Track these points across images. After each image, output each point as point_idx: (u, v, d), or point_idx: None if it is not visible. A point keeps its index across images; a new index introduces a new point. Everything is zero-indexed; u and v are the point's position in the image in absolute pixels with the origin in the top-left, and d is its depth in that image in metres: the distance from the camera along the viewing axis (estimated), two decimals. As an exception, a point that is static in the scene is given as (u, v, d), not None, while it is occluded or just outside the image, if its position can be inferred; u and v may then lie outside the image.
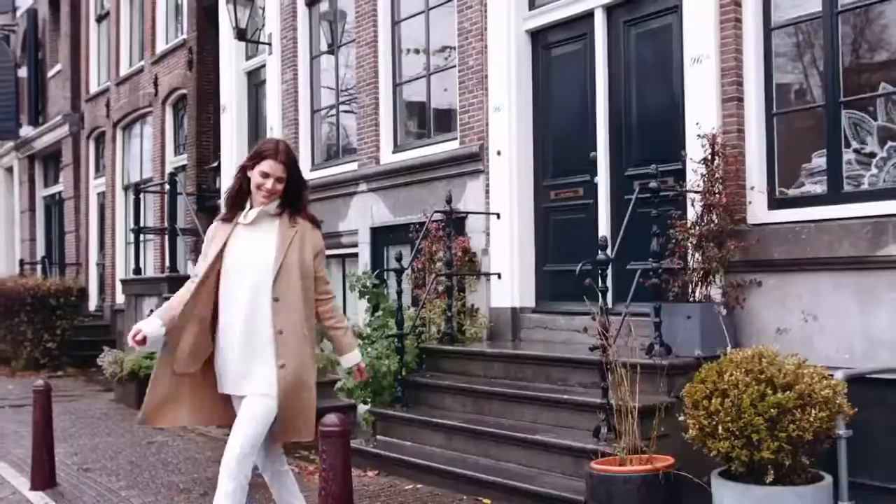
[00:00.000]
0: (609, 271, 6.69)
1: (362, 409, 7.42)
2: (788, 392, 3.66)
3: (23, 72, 19.98)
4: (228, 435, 3.91)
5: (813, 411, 3.62)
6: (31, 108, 19.74)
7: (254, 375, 3.89)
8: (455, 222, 7.83)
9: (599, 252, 5.55)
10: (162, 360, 4.00)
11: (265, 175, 3.96)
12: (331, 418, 3.42)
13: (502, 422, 6.14)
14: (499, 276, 7.68)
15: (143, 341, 3.92)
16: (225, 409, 4.07)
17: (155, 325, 3.94)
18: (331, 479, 3.30)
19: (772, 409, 3.61)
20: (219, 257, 3.93)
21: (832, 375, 3.99)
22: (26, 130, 19.79)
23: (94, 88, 17.29)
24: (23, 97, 19.98)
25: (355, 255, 9.57)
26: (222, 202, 4.03)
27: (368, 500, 5.67)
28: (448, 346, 7.20)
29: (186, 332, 3.91)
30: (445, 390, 6.78)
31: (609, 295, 6.67)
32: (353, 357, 4.29)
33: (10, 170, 21.42)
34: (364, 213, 9.44)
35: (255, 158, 4.02)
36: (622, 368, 4.55)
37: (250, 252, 3.94)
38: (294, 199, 4.08)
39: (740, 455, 3.68)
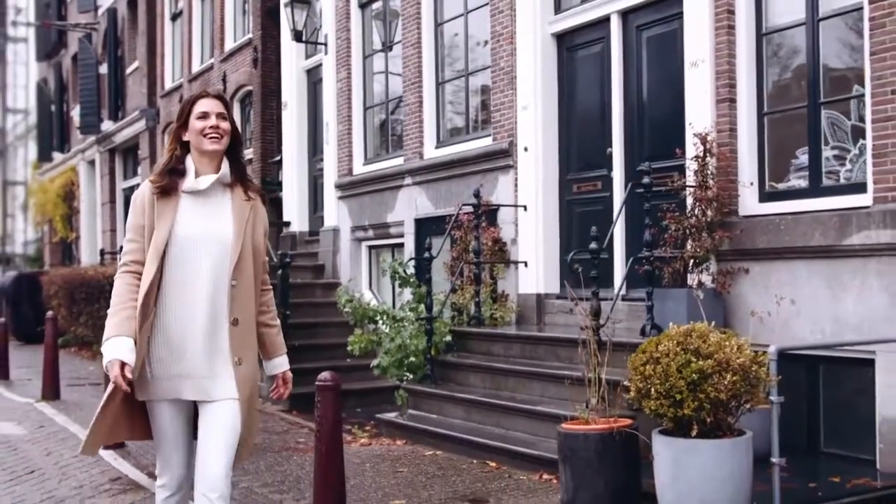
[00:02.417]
0: (618, 260, 7.62)
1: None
2: (709, 360, 4.52)
3: (103, 68, 21.62)
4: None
5: (728, 376, 4.47)
6: (112, 103, 21.35)
7: (222, 376, 3.45)
8: (487, 214, 8.82)
9: (593, 243, 6.44)
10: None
11: (204, 115, 3.50)
12: (325, 375, 4.41)
13: (515, 396, 7.10)
14: (525, 264, 8.61)
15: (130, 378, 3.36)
16: (146, 421, 3.57)
17: (129, 347, 3.35)
18: (324, 425, 4.30)
19: (693, 375, 4.47)
20: (169, 235, 3.42)
21: (759, 350, 4.82)
22: (107, 125, 21.43)
23: (168, 84, 18.75)
24: (104, 93, 21.64)
25: (402, 244, 10.61)
26: (154, 172, 3.56)
27: (390, 463, 6.70)
28: (475, 329, 8.19)
29: (143, 332, 3.40)
30: (469, 368, 7.76)
31: (618, 281, 7.63)
32: (281, 362, 3.79)
33: (92, 163, 23.14)
34: (409, 206, 10.46)
35: (185, 109, 3.56)
36: (595, 346, 5.45)
37: (207, 228, 3.46)
38: (236, 164, 3.62)
39: (667, 412, 4.56)
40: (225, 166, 3.56)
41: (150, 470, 6.41)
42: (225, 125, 3.54)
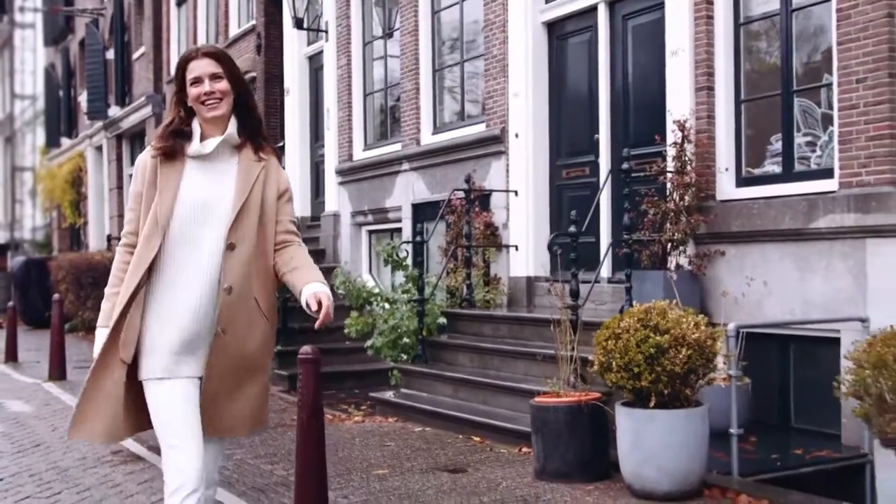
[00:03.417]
0: (604, 244, 8.02)
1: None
2: (666, 335, 4.92)
3: (110, 54, 22.08)
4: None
5: (683, 350, 4.87)
6: (119, 89, 21.80)
7: (203, 350, 3.31)
8: (480, 199, 9.24)
9: (572, 226, 6.84)
10: (101, 358, 3.30)
11: (197, 80, 3.28)
12: (306, 348, 4.82)
13: (501, 374, 7.52)
14: (516, 247, 9.02)
15: None
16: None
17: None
18: (305, 396, 4.72)
19: (651, 349, 4.87)
20: (173, 203, 3.26)
21: (716, 326, 5.23)
22: (114, 111, 21.90)
23: (174, 70, 19.18)
24: (111, 78, 22.10)
25: (400, 229, 11.03)
26: (156, 135, 3.37)
27: (379, 438, 7.14)
28: (465, 311, 8.61)
29: (134, 311, 3.26)
30: (459, 349, 8.19)
31: (606, 264, 8.04)
32: (322, 287, 3.35)
33: (99, 149, 23.64)
34: (406, 191, 10.88)
35: (178, 75, 3.37)
36: (568, 325, 5.88)
37: (212, 194, 3.30)
38: (248, 119, 3.41)
39: (627, 384, 4.97)
40: (232, 127, 3.34)
41: (151, 444, 6.87)
42: (221, 86, 3.29)
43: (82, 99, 23.29)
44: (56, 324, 10.86)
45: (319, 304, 3.25)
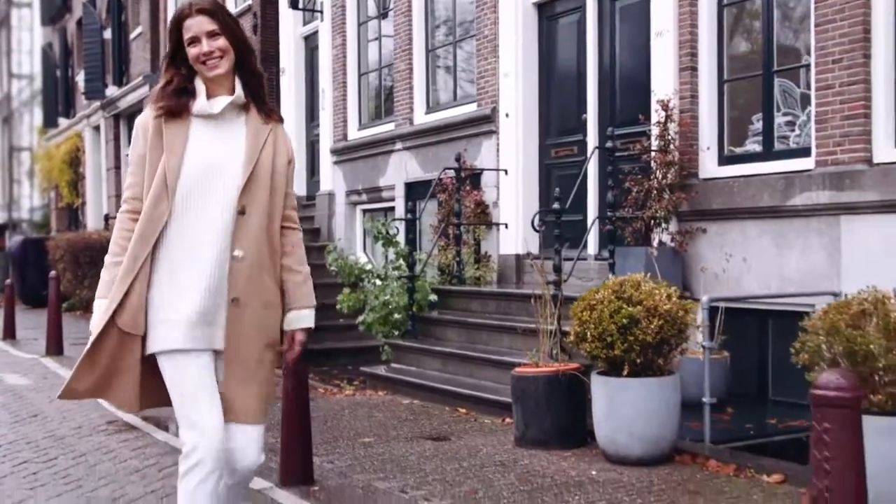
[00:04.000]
0: (591, 222, 8.25)
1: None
2: (638, 307, 5.17)
3: (107, 34, 22.28)
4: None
5: (655, 321, 5.12)
6: (116, 68, 22.02)
7: (218, 323, 3.16)
8: (471, 178, 9.48)
9: (556, 203, 7.07)
10: (105, 330, 3.12)
11: (194, 40, 3.14)
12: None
13: (488, 348, 7.78)
14: (506, 225, 9.26)
15: None
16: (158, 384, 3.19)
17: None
18: (288, 368, 4.99)
19: (624, 319, 5.12)
20: (181, 164, 3.12)
21: (688, 298, 5.48)
22: (111, 90, 22.11)
23: (168, 29, 19.37)
24: (108, 58, 22.30)
25: (393, 208, 11.27)
26: (155, 94, 3.21)
27: (368, 409, 7.41)
28: (455, 287, 8.87)
29: (142, 279, 3.11)
30: (448, 324, 8.45)
31: (593, 242, 8.29)
32: (298, 317, 3.36)
33: (97, 129, 23.87)
34: (400, 170, 11.12)
35: (172, 34, 3.22)
36: (549, 299, 6.13)
37: (222, 155, 3.18)
38: (249, 77, 3.25)
39: (601, 354, 5.23)
40: (239, 86, 3.21)
41: (145, 414, 7.15)
42: (220, 43, 3.14)
43: (80, 79, 23.50)
44: (53, 300, 11.13)
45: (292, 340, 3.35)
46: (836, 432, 2.44)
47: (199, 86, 3.18)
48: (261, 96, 3.29)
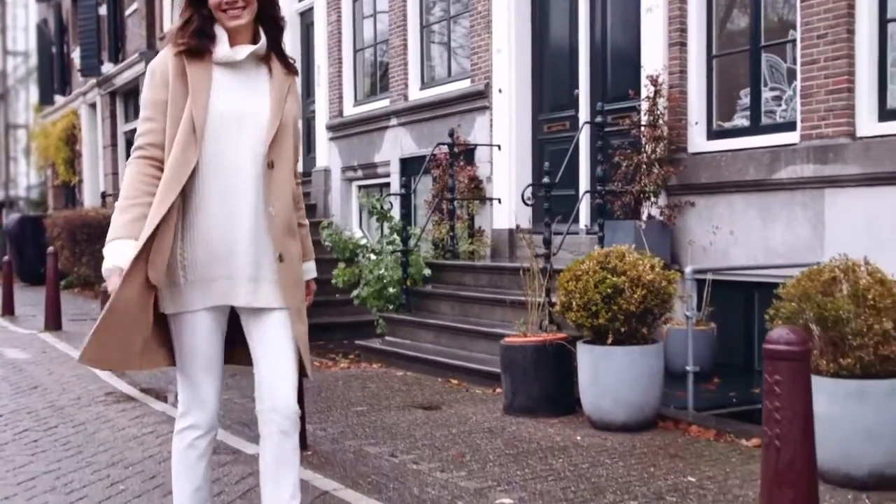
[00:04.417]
0: (582, 195, 8.43)
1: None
2: (622, 277, 5.36)
3: (103, 10, 22.35)
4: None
5: (638, 291, 5.31)
6: (112, 45, 22.11)
7: (265, 279, 3.11)
8: (465, 153, 9.66)
9: (546, 177, 7.25)
10: (129, 277, 2.95)
11: None
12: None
13: (480, 321, 7.98)
14: (499, 200, 9.44)
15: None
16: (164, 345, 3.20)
17: (134, 255, 2.94)
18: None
19: (608, 289, 5.31)
20: (206, 109, 3.03)
21: (672, 269, 5.67)
22: (107, 67, 22.21)
23: (167, 27, 19.51)
24: (103, 35, 22.39)
25: (388, 183, 11.45)
26: (174, 34, 3.11)
27: (361, 381, 7.62)
28: (448, 262, 9.07)
29: (166, 228, 2.98)
30: (441, 297, 8.65)
31: (585, 216, 8.48)
32: (308, 268, 3.41)
33: (93, 106, 23.98)
34: (395, 146, 11.29)
35: None
36: (538, 272, 6.33)
37: (246, 105, 3.10)
38: (270, 28, 3.19)
39: (586, 322, 5.43)
40: (262, 36, 3.15)
41: (143, 386, 7.37)
42: None
43: (75, 55, 23.59)
44: (51, 275, 11.33)
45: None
46: (785, 384, 2.63)
47: (220, 32, 3.09)
48: (281, 47, 3.23)
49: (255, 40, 3.14)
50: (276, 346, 3.11)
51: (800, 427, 2.59)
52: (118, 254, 2.96)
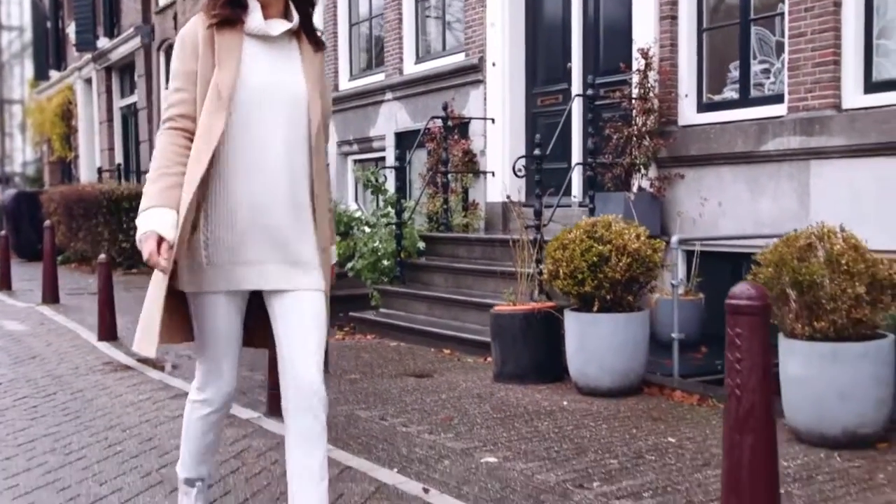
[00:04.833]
0: (573, 167, 8.59)
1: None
2: (608, 245, 5.54)
3: (98, -17, 22.44)
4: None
5: (623, 259, 5.49)
6: (107, 19, 22.17)
7: (306, 263, 3.05)
8: (459, 127, 9.81)
9: (536, 149, 7.41)
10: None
11: None
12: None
13: (472, 292, 8.16)
14: (493, 174, 9.61)
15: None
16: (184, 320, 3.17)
17: (171, 222, 2.93)
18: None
19: (594, 258, 5.49)
20: (235, 78, 2.95)
21: (656, 238, 5.84)
22: (103, 42, 22.28)
23: (162, 1, 19.60)
24: (98, 9, 22.46)
25: (384, 158, 11.61)
26: (206, 4, 3.04)
27: (356, 351, 7.81)
28: (442, 234, 9.25)
29: (193, 205, 2.95)
30: (435, 269, 8.83)
31: (578, 188, 8.65)
32: (335, 252, 3.36)
33: (88, 81, 24.08)
34: (390, 120, 11.44)
35: None
36: (528, 243, 6.51)
37: (279, 79, 3.03)
38: (301, 2, 3.12)
39: (572, 290, 5.61)
40: (295, 13, 3.09)
41: (140, 356, 7.55)
42: None
43: (70, 30, 23.67)
44: (48, 249, 11.50)
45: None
46: (746, 337, 2.81)
47: (253, 2, 3.01)
48: (312, 23, 3.17)
49: (286, 13, 3.08)
50: (309, 328, 3.01)
51: (758, 376, 2.77)
52: (154, 219, 2.90)
